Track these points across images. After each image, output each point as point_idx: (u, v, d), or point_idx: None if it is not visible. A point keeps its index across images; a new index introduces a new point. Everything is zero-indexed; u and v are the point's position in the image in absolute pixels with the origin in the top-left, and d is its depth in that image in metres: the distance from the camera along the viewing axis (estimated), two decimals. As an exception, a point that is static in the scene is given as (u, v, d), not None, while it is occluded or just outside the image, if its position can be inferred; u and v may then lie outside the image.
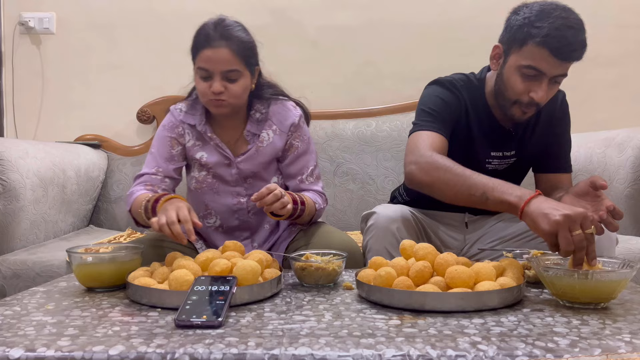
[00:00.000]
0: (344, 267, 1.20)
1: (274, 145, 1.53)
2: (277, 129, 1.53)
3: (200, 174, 1.54)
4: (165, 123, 1.56)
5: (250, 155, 1.52)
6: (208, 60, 1.41)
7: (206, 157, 1.52)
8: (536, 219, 1.06)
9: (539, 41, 1.26)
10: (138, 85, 2.48)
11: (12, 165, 1.72)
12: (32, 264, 1.64)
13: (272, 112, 1.54)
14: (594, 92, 2.44)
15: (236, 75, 1.43)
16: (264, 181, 1.53)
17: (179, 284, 1.00)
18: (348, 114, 2.38)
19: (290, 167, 1.55)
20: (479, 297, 0.96)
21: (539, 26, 1.25)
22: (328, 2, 2.46)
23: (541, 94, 1.30)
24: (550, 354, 0.74)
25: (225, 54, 1.40)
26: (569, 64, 1.30)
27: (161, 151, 1.53)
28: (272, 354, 0.75)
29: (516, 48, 1.31)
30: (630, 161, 1.75)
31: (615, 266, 1.03)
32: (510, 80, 1.34)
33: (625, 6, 2.43)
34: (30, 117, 2.52)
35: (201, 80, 1.44)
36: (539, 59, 1.27)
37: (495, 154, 1.47)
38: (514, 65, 1.32)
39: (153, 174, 1.51)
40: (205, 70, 1.42)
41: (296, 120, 1.54)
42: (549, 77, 1.30)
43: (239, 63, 1.42)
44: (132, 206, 1.43)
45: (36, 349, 0.77)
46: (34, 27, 2.48)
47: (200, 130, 1.53)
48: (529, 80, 1.31)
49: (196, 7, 2.48)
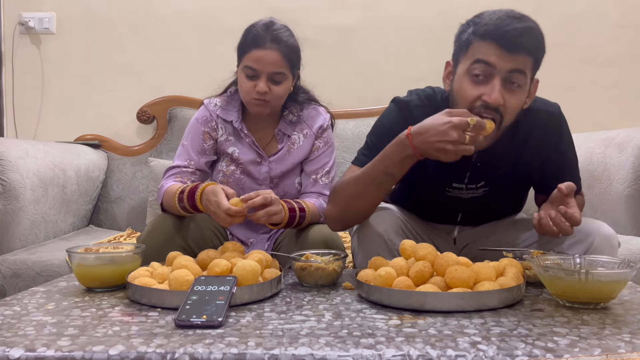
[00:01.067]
0: (344, 267, 1.20)
1: (303, 148, 1.57)
2: (307, 132, 1.58)
3: (228, 168, 1.56)
4: (199, 116, 1.57)
5: (282, 155, 1.56)
6: (258, 60, 1.44)
7: (238, 152, 1.55)
8: (429, 153, 1.12)
9: (482, 34, 1.17)
10: (138, 85, 2.48)
11: (12, 165, 1.72)
12: (32, 263, 1.64)
13: (305, 115, 1.59)
14: (594, 92, 2.44)
15: (281, 77, 1.47)
16: (289, 181, 1.57)
17: (179, 284, 1.00)
18: (348, 114, 2.38)
19: (308, 165, 1.58)
20: (479, 297, 0.96)
21: (478, 22, 1.19)
22: (328, 2, 2.46)
23: (495, 94, 1.15)
24: (550, 353, 0.74)
25: (274, 57, 1.44)
26: (519, 56, 1.16)
27: (194, 144, 1.54)
28: (272, 354, 0.75)
29: (463, 53, 1.22)
30: (630, 161, 1.75)
31: (615, 266, 1.03)
32: (460, 89, 1.21)
33: (625, 6, 2.44)
34: (30, 117, 2.52)
35: (246, 79, 1.46)
36: (485, 53, 1.16)
37: (456, 185, 1.35)
38: (462, 73, 1.22)
39: (184, 167, 1.52)
40: (252, 70, 1.45)
41: (325, 124, 1.60)
42: (501, 74, 1.17)
43: (285, 66, 1.47)
44: (164, 199, 1.45)
45: (36, 349, 0.77)
46: (34, 27, 2.48)
47: (236, 127, 1.55)
48: (479, 84, 1.18)
49: (196, 7, 2.48)
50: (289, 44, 1.48)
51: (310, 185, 1.57)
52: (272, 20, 1.51)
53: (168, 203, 1.42)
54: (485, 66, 1.17)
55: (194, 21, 2.49)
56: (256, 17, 2.65)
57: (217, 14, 2.47)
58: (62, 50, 2.50)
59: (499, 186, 1.35)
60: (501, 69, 1.16)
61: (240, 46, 1.49)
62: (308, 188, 1.57)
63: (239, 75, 1.49)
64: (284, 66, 1.46)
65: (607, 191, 1.83)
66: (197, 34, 2.48)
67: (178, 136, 2.38)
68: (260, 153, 1.55)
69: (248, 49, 1.46)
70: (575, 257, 1.09)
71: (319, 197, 1.54)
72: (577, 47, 2.43)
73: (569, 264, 1.08)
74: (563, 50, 2.43)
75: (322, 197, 1.54)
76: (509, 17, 1.16)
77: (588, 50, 2.44)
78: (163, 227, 1.39)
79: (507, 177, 1.35)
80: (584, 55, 2.44)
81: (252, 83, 1.45)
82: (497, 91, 1.16)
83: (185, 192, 1.36)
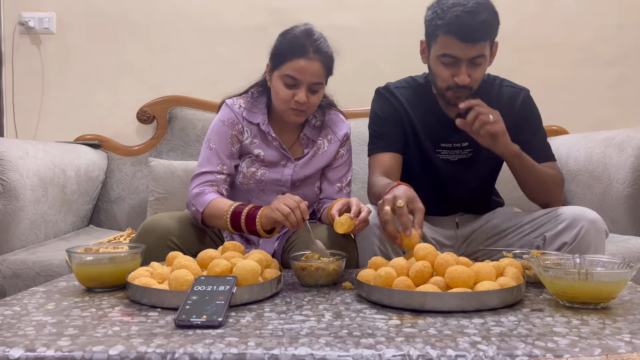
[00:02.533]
0: (344, 267, 1.20)
1: (328, 154, 1.59)
2: (332, 137, 1.60)
3: (249, 170, 1.54)
4: (224, 119, 1.53)
5: (307, 160, 1.57)
6: (300, 70, 1.43)
7: (263, 154, 1.54)
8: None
9: (444, 30, 1.39)
10: (138, 85, 2.48)
11: (12, 165, 1.72)
12: (32, 263, 1.64)
13: (328, 121, 1.61)
14: (594, 92, 2.44)
15: (319, 87, 1.48)
16: (311, 185, 1.59)
17: (179, 284, 1.00)
18: (348, 114, 2.35)
19: (331, 172, 1.60)
20: (479, 297, 0.96)
21: (442, 17, 1.39)
22: (328, 2, 2.46)
23: (462, 77, 1.41)
24: (550, 353, 0.74)
25: (317, 68, 1.45)
26: (478, 44, 1.39)
27: (223, 148, 1.51)
28: (272, 354, 0.75)
29: (432, 40, 1.45)
30: (630, 161, 1.75)
31: (615, 266, 1.04)
32: (435, 70, 1.47)
33: (625, 6, 2.44)
34: (30, 117, 2.52)
35: (285, 87, 1.45)
36: (450, 47, 1.40)
37: (444, 145, 1.57)
38: (434, 57, 1.45)
39: (218, 173, 1.48)
40: (293, 79, 1.44)
41: (348, 132, 1.64)
42: (465, 60, 1.41)
43: (324, 76, 1.49)
44: (207, 211, 1.40)
45: (36, 349, 0.77)
46: (34, 27, 2.48)
47: (263, 130, 1.54)
48: (449, 68, 1.43)
49: (196, 7, 2.48)
50: (329, 54, 1.49)
51: (335, 193, 1.59)
52: (311, 28, 1.49)
53: (214, 217, 1.39)
54: (452, 57, 1.41)
55: (194, 21, 2.49)
56: (256, 17, 2.65)
57: (217, 14, 2.47)
58: (62, 50, 2.50)
59: (480, 147, 1.50)
60: (464, 57, 1.40)
61: (279, 53, 1.46)
62: (333, 195, 1.58)
63: (276, 82, 1.46)
64: (323, 76, 1.48)
65: (607, 191, 1.83)
66: (197, 34, 2.48)
67: (178, 136, 2.38)
68: (287, 155, 1.55)
69: (290, 57, 1.43)
70: (575, 257, 1.09)
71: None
72: (577, 47, 2.43)
73: (569, 264, 1.08)
74: (563, 50, 2.43)
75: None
76: (465, 13, 1.37)
77: (588, 50, 2.44)
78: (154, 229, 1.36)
79: None
80: (584, 55, 2.44)
81: (291, 92, 1.45)
82: (464, 74, 1.41)
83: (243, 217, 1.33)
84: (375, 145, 1.58)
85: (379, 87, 1.64)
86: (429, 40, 1.47)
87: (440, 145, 1.57)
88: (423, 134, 1.56)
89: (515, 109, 1.56)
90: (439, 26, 1.40)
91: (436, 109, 1.56)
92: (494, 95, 1.56)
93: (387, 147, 1.55)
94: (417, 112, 1.57)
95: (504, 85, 1.59)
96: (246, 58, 2.42)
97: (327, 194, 1.60)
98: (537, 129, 1.58)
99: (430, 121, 1.56)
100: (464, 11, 1.37)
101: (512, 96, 1.57)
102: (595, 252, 1.29)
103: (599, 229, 1.34)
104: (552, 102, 1.64)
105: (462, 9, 1.37)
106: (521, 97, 1.57)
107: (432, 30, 1.44)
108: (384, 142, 1.56)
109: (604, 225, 1.35)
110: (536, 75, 2.34)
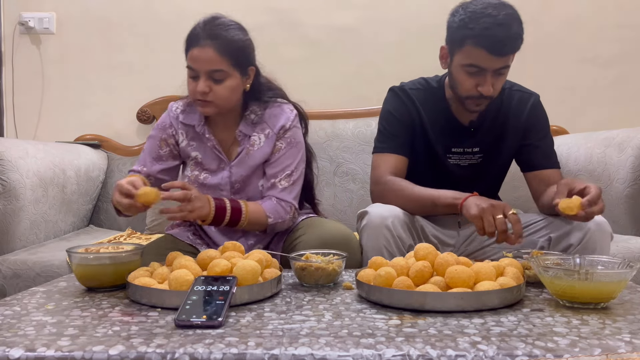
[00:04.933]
0: (344, 267, 1.20)
1: (263, 150, 1.50)
2: (269, 132, 1.51)
3: (192, 173, 1.53)
4: (159, 122, 1.57)
5: (241, 158, 1.50)
6: (194, 59, 1.40)
7: (201, 157, 1.52)
8: (469, 208, 1.30)
9: (474, 42, 1.37)
10: (138, 85, 2.48)
11: (12, 165, 1.72)
12: (32, 264, 1.64)
13: (267, 115, 1.52)
14: (594, 92, 2.44)
15: (222, 75, 1.40)
16: (252, 185, 1.52)
17: (179, 284, 1.00)
18: (348, 114, 2.38)
19: (269, 167, 1.51)
20: (479, 297, 0.96)
21: (472, 27, 1.37)
22: (328, 2, 2.46)
23: (487, 88, 1.41)
24: (550, 353, 0.74)
25: (210, 54, 1.38)
26: (506, 57, 1.40)
27: (150, 150, 1.54)
28: (272, 354, 0.75)
29: (457, 48, 1.43)
30: (630, 161, 1.75)
31: (615, 266, 1.04)
32: (458, 78, 1.45)
33: (625, 6, 2.43)
34: (30, 117, 2.52)
35: (190, 80, 1.43)
36: (478, 58, 1.39)
37: (455, 150, 1.56)
38: (458, 65, 1.43)
39: (137, 171, 1.52)
40: (192, 70, 1.41)
41: (287, 124, 1.51)
42: (491, 71, 1.40)
43: (225, 63, 1.39)
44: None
45: (36, 349, 0.77)
46: (34, 27, 2.48)
47: (198, 132, 1.52)
48: (474, 77, 1.42)
49: (196, 7, 2.46)
50: (229, 38, 1.40)
51: (269, 189, 1.49)
52: (215, 16, 1.44)
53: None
54: (478, 68, 1.41)
55: (194, 21, 2.48)
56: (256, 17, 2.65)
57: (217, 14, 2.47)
58: (62, 50, 2.50)
59: (490, 153, 1.57)
60: (491, 68, 1.40)
61: (185, 46, 1.44)
62: (266, 191, 1.50)
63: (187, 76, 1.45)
64: (222, 63, 1.39)
65: (607, 191, 1.83)
66: (197, 34, 2.48)
67: (178, 136, 2.38)
68: (221, 158, 1.51)
69: (187, 48, 1.42)
70: (575, 257, 1.09)
71: (274, 200, 1.47)
72: (577, 47, 2.43)
73: (569, 264, 1.08)
74: (563, 50, 2.43)
75: (278, 201, 1.47)
76: (496, 25, 1.35)
77: (588, 50, 2.44)
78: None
79: (496, 144, 1.57)
80: (584, 55, 2.43)
81: (195, 83, 1.41)
82: (489, 84, 1.41)
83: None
84: (385, 144, 1.56)
85: (394, 86, 1.62)
86: (453, 48, 1.45)
87: (451, 150, 1.56)
88: (434, 137, 1.56)
89: (524, 113, 1.56)
90: (467, 36, 1.38)
91: (448, 114, 1.56)
92: (504, 99, 1.56)
93: (396, 150, 1.54)
94: (429, 115, 1.56)
95: (514, 89, 1.59)
96: (246, 58, 2.42)
97: (263, 190, 1.51)
98: (544, 135, 1.58)
99: (442, 125, 1.56)
100: (495, 24, 1.35)
101: (522, 101, 1.57)
102: (600, 254, 1.28)
103: (605, 232, 1.35)
104: (551, 102, 1.64)
105: (493, 20, 1.35)
106: (531, 102, 1.57)
107: (459, 39, 1.41)
108: (395, 144, 1.55)
109: (609, 228, 1.36)
110: (536, 75, 2.34)
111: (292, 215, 1.50)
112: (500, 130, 1.57)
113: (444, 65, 1.52)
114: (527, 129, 1.56)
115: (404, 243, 1.40)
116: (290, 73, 2.46)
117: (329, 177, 2.23)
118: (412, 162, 1.57)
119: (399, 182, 1.49)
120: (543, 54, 2.44)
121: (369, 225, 1.40)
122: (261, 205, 1.46)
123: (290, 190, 1.49)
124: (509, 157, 1.61)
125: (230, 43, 1.40)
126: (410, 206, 1.45)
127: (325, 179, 2.21)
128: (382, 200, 1.48)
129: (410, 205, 1.45)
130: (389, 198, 1.48)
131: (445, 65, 1.51)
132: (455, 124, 1.56)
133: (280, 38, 2.42)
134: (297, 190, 1.52)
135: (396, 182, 1.49)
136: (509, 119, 1.56)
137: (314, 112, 2.37)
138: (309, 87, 2.40)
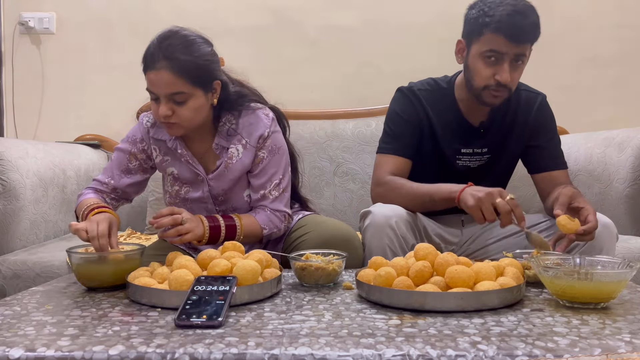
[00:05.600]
0: (344, 267, 1.20)
1: (242, 161, 1.44)
2: (246, 143, 1.44)
3: (173, 189, 1.49)
4: (130, 134, 1.49)
5: (220, 172, 1.44)
6: (152, 83, 1.33)
7: (177, 172, 1.47)
8: (466, 201, 1.31)
9: (494, 28, 1.38)
10: (138, 85, 2.44)
11: (12, 165, 1.72)
12: (32, 264, 1.64)
13: (242, 124, 1.45)
14: (594, 92, 2.44)
15: (183, 97, 1.31)
16: (237, 197, 1.47)
17: (179, 284, 1.00)
18: (348, 114, 2.38)
19: (254, 179, 1.46)
20: (479, 297, 0.96)
21: (492, 15, 1.39)
22: (328, 2, 2.46)
23: (505, 75, 1.41)
24: (550, 353, 0.74)
25: (166, 77, 1.29)
26: (524, 45, 1.41)
27: (118, 163, 1.48)
28: (272, 354, 0.75)
29: (475, 38, 1.43)
30: (630, 161, 1.75)
31: (615, 266, 1.04)
32: (475, 67, 1.45)
33: (625, 6, 2.43)
34: (30, 117, 2.51)
35: (153, 102, 1.36)
36: (497, 44, 1.39)
37: (465, 151, 1.56)
38: (476, 54, 1.44)
39: (105, 184, 1.47)
40: (152, 93, 1.34)
41: (265, 132, 1.43)
42: (509, 58, 1.41)
43: (184, 84, 1.30)
44: (77, 207, 1.42)
45: (36, 349, 0.77)
46: (34, 27, 2.48)
47: (170, 147, 1.45)
48: (491, 65, 1.42)
49: (196, 7, 2.48)
50: (185, 58, 1.30)
51: (259, 200, 1.45)
52: (171, 31, 1.35)
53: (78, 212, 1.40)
54: (497, 53, 1.41)
55: (194, 21, 2.46)
56: (256, 18, 2.65)
57: (217, 14, 2.47)
58: (62, 50, 2.50)
59: (497, 153, 1.57)
60: (509, 54, 1.40)
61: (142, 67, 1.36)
62: (257, 202, 1.46)
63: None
64: (180, 85, 1.30)
65: (607, 191, 1.83)
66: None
67: (178, 136, 2.38)
68: (197, 172, 1.45)
69: (144, 69, 1.34)
70: (575, 257, 1.09)
71: (268, 210, 1.45)
72: (577, 47, 2.43)
73: (569, 264, 1.08)
74: (563, 50, 2.43)
75: (272, 212, 1.45)
76: (516, 13, 1.37)
77: (588, 50, 2.44)
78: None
79: (503, 143, 1.57)
80: (584, 55, 2.44)
81: (157, 106, 1.33)
82: (507, 72, 1.41)
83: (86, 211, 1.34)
84: (389, 145, 1.56)
85: (402, 86, 1.61)
86: (470, 39, 1.46)
87: (460, 151, 1.56)
88: (443, 139, 1.55)
89: (532, 113, 1.56)
90: (486, 24, 1.39)
91: (457, 114, 1.55)
92: (511, 98, 1.55)
93: (400, 151, 1.54)
94: (438, 116, 1.55)
95: (521, 89, 1.58)
96: (246, 58, 2.42)
97: (252, 201, 1.47)
98: (551, 136, 1.59)
99: (451, 127, 1.55)
100: (515, 11, 1.37)
101: (529, 101, 1.57)
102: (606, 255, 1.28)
103: (611, 233, 1.36)
104: (551, 102, 1.63)
105: (513, 8, 1.37)
106: (538, 102, 1.58)
107: (478, 29, 1.42)
108: (399, 145, 1.54)
109: (615, 230, 1.37)
110: (536, 75, 2.34)
111: (286, 222, 1.49)
112: (507, 130, 1.57)
113: (460, 60, 1.52)
114: (535, 129, 1.56)
115: (408, 243, 1.39)
116: (290, 73, 2.47)
117: (329, 177, 2.23)
118: (419, 164, 1.56)
119: (398, 180, 1.49)
120: (543, 54, 2.43)
121: (372, 225, 1.39)
122: (255, 218, 1.43)
123: (282, 199, 1.47)
124: (515, 157, 1.61)
125: (187, 63, 1.30)
126: (410, 203, 1.45)
127: (325, 179, 2.21)
128: (383, 200, 1.48)
129: (410, 202, 1.45)
130: (389, 197, 1.48)
131: (461, 60, 1.51)
132: (466, 125, 1.55)
133: (280, 38, 2.42)
134: (288, 196, 1.51)
135: (395, 180, 1.49)
136: (517, 118, 1.56)
137: (314, 112, 2.37)
138: (309, 87, 2.41)
